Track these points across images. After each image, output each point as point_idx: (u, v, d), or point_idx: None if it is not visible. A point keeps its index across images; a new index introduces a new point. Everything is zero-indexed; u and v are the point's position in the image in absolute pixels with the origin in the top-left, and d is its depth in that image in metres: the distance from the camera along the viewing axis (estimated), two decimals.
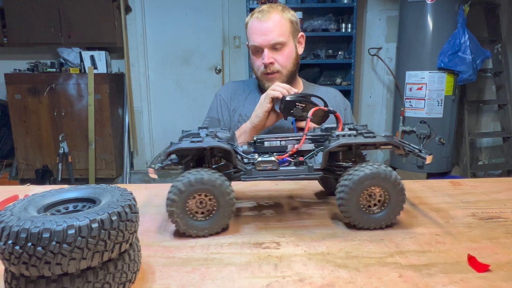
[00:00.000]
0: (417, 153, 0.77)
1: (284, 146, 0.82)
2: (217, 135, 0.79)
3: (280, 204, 0.92)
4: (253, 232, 0.75)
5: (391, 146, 0.78)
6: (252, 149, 0.83)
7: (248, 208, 0.90)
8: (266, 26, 1.28)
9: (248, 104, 1.42)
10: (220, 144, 0.73)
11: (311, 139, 0.83)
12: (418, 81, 3.26)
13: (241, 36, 4.10)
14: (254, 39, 1.30)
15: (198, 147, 0.72)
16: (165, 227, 0.78)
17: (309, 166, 0.77)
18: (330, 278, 0.58)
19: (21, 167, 3.91)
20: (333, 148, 0.75)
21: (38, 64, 3.88)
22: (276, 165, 0.76)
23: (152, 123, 4.36)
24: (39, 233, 0.44)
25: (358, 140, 0.76)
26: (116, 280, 0.52)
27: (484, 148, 4.26)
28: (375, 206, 0.75)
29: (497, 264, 0.61)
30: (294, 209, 0.89)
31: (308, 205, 0.91)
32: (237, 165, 0.76)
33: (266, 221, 0.81)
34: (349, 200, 0.72)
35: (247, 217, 0.84)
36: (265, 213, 0.86)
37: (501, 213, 0.84)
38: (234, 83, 1.55)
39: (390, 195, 0.73)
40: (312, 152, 0.81)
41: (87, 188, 0.59)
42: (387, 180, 0.72)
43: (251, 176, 0.77)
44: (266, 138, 0.83)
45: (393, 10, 3.95)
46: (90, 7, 3.77)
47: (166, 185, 1.12)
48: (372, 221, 0.74)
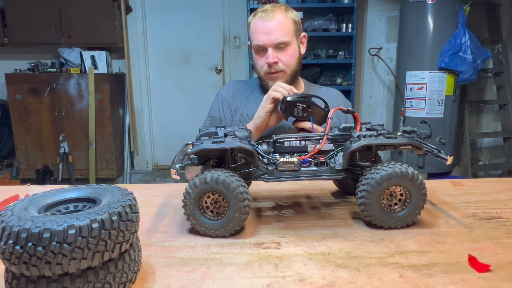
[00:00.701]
0: (436, 154, 0.77)
1: (304, 146, 0.82)
2: (236, 135, 0.78)
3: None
4: (253, 232, 0.75)
5: (410, 146, 0.78)
6: (271, 148, 0.83)
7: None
8: (271, 26, 1.28)
9: (250, 103, 1.43)
10: (243, 145, 0.72)
11: (331, 139, 0.83)
12: (418, 81, 3.26)
13: (241, 36, 4.10)
14: (258, 38, 1.30)
15: (220, 148, 0.72)
16: (165, 227, 0.78)
17: (330, 167, 0.77)
18: (331, 278, 0.58)
19: (21, 167, 3.91)
20: (355, 149, 0.74)
21: (38, 64, 3.88)
22: (298, 165, 0.76)
23: (153, 123, 4.36)
24: (40, 233, 0.44)
25: (381, 141, 0.76)
26: (116, 280, 0.52)
27: (484, 148, 4.25)
28: (396, 205, 0.75)
29: (498, 264, 0.61)
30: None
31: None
32: (259, 166, 0.75)
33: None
34: (371, 203, 0.72)
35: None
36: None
37: (501, 213, 0.83)
38: (236, 82, 1.55)
39: (410, 192, 0.73)
40: (332, 153, 0.80)
41: (87, 188, 0.59)
42: (405, 178, 0.72)
43: (273, 177, 0.76)
44: (285, 138, 0.82)
45: (393, 10, 3.95)
46: (90, 7, 3.78)
47: (167, 185, 1.12)
48: (397, 220, 0.74)
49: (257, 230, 0.77)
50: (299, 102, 1.04)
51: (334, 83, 3.83)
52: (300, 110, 1.04)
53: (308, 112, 1.05)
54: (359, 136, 0.76)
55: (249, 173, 0.80)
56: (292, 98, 1.04)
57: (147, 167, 4.40)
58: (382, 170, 0.72)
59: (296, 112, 1.05)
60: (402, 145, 0.77)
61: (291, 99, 1.04)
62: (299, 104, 1.04)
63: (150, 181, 4.31)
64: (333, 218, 0.83)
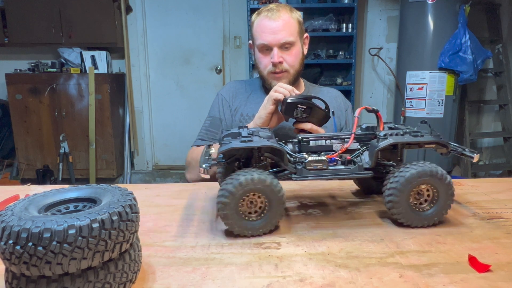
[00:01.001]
0: (461, 152, 0.77)
1: (329, 146, 0.82)
2: (260, 134, 0.79)
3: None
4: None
5: (435, 144, 0.78)
6: (296, 148, 0.83)
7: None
8: (276, 25, 1.28)
9: (250, 104, 1.42)
10: (272, 144, 0.73)
11: (355, 138, 0.83)
12: (418, 81, 3.26)
13: (241, 36, 4.10)
14: (263, 37, 1.29)
15: (250, 147, 0.72)
16: (165, 227, 0.78)
17: (359, 165, 0.77)
18: (331, 278, 0.58)
19: (22, 167, 3.91)
20: (384, 147, 0.75)
21: (39, 64, 3.88)
22: (326, 164, 0.76)
23: (153, 123, 4.36)
24: (40, 233, 0.44)
25: (408, 139, 0.76)
26: (116, 280, 0.52)
27: (485, 148, 4.25)
28: (425, 203, 0.75)
29: (498, 264, 0.61)
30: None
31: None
32: (287, 165, 0.75)
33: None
34: (399, 201, 0.72)
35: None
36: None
37: (502, 213, 0.83)
38: (236, 82, 1.54)
39: (438, 190, 0.73)
40: (358, 151, 0.81)
41: (87, 188, 0.59)
42: (434, 177, 0.72)
43: (301, 176, 0.76)
44: (311, 138, 0.83)
45: (393, 10, 3.95)
46: (90, 7, 3.78)
47: (167, 185, 1.12)
48: (424, 219, 0.74)
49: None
50: (299, 104, 1.03)
51: (334, 83, 3.83)
52: (301, 112, 1.04)
53: (308, 113, 1.05)
54: (386, 135, 0.76)
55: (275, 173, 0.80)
56: (292, 100, 1.04)
57: (147, 167, 4.40)
58: (412, 169, 0.72)
59: (296, 113, 1.05)
60: (428, 144, 0.77)
61: (292, 100, 1.04)
62: (299, 105, 1.04)
63: (150, 181, 4.31)
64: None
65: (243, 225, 0.71)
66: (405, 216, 0.73)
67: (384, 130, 0.81)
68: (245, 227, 0.71)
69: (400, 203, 0.72)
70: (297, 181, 0.77)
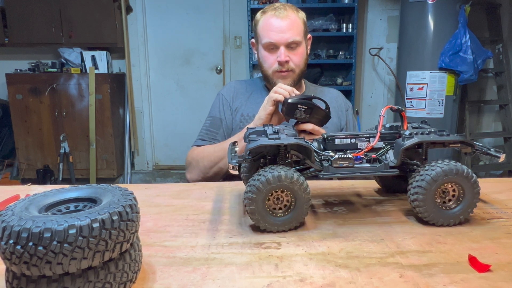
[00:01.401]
0: (486, 151, 0.78)
1: (354, 144, 0.83)
2: (285, 132, 0.80)
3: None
4: (254, 232, 0.75)
5: (460, 144, 0.78)
6: (321, 146, 0.84)
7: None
8: (284, 24, 1.28)
9: (250, 104, 1.42)
10: (300, 142, 0.74)
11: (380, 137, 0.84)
12: (419, 81, 3.26)
13: (242, 36, 4.10)
14: (270, 36, 1.29)
15: (278, 144, 0.74)
16: (166, 227, 0.78)
17: (384, 164, 0.78)
18: (331, 278, 0.58)
19: (22, 167, 3.91)
20: (409, 145, 0.75)
21: (39, 64, 3.88)
22: (352, 162, 0.77)
23: (153, 123, 4.36)
24: (40, 232, 0.44)
25: (433, 138, 0.76)
26: (117, 279, 0.52)
27: None
28: (450, 202, 0.75)
29: (498, 264, 0.61)
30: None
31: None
32: (314, 162, 0.76)
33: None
34: (425, 199, 0.73)
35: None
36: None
37: (502, 213, 0.83)
38: (237, 82, 1.54)
39: (464, 189, 0.74)
40: (383, 150, 0.81)
41: (88, 188, 0.59)
42: (460, 175, 0.72)
43: (328, 173, 0.77)
44: (336, 136, 0.83)
45: (394, 10, 3.95)
46: (91, 7, 3.78)
47: (167, 185, 1.13)
48: (450, 217, 0.74)
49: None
50: (300, 104, 1.03)
51: (335, 83, 3.83)
52: (302, 112, 1.04)
53: (309, 113, 1.05)
54: (411, 134, 0.77)
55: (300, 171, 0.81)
56: (293, 100, 1.04)
57: (147, 167, 4.40)
58: (437, 167, 0.72)
59: (297, 114, 1.05)
60: (453, 143, 0.78)
61: (292, 101, 1.04)
62: (300, 106, 1.03)
63: (151, 181, 4.31)
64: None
65: (269, 220, 0.72)
66: (430, 214, 0.74)
67: (408, 129, 0.81)
68: (271, 222, 0.73)
69: (426, 201, 0.73)
70: (324, 178, 0.78)
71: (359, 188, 1.03)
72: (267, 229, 0.73)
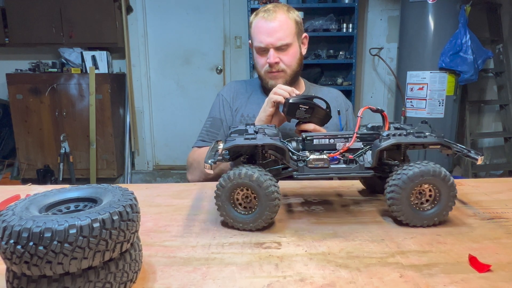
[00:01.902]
0: (466, 154, 0.77)
1: (332, 144, 0.83)
2: (266, 132, 0.80)
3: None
4: (254, 232, 0.75)
5: (440, 146, 0.78)
6: (300, 146, 0.84)
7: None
8: (272, 26, 1.27)
9: (251, 104, 1.42)
10: (274, 142, 0.74)
11: (359, 138, 0.84)
12: (419, 81, 3.26)
13: (242, 36, 4.10)
14: (260, 39, 1.29)
15: (253, 144, 0.74)
16: (166, 227, 0.78)
17: (360, 165, 0.78)
18: (331, 278, 0.58)
19: (22, 167, 3.91)
20: (385, 147, 0.75)
21: (39, 64, 3.88)
22: (328, 162, 0.77)
23: (153, 123, 4.36)
24: (41, 232, 0.44)
25: (410, 140, 0.76)
26: (117, 279, 0.52)
27: (485, 148, 4.25)
28: (426, 203, 0.75)
29: (498, 264, 0.61)
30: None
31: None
32: (289, 162, 0.77)
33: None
34: (400, 199, 0.73)
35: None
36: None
37: (502, 213, 0.83)
38: (236, 82, 1.54)
39: (440, 191, 0.73)
40: (361, 151, 0.81)
41: (88, 187, 0.59)
42: (437, 177, 0.72)
43: (303, 174, 0.78)
44: (315, 136, 0.84)
45: (394, 10, 3.94)
46: (91, 7, 3.78)
47: (167, 185, 1.13)
48: (424, 218, 0.74)
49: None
50: (301, 104, 1.03)
51: (335, 83, 3.83)
52: (303, 112, 1.04)
53: (310, 113, 1.05)
54: (389, 135, 0.77)
55: (278, 170, 0.81)
56: (294, 100, 1.04)
57: (147, 167, 4.40)
58: (415, 167, 0.72)
59: (298, 113, 1.05)
60: (432, 144, 0.78)
61: (294, 101, 1.04)
62: (301, 105, 1.04)
63: (151, 181, 4.31)
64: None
65: (234, 217, 0.74)
66: (404, 214, 0.74)
67: (389, 130, 0.81)
68: (236, 219, 0.74)
69: (401, 201, 0.73)
70: (298, 178, 0.78)
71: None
72: (230, 224, 0.75)
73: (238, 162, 0.82)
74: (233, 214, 0.74)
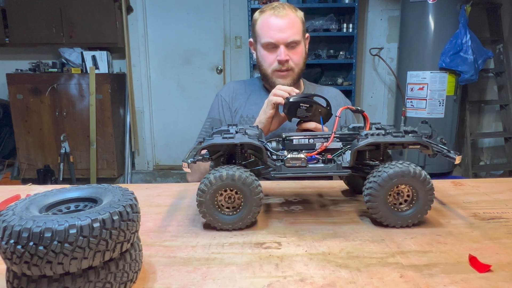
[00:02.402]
0: (445, 154, 0.77)
1: (312, 144, 0.83)
2: (247, 132, 0.81)
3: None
4: (255, 232, 0.75)
5: (419, 145, 0.78)
6: (280, 146, 0.85)
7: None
8: (284, 23, 1.27)
9: (250, 105, 1.42)
10: (251, 141, 0.75)
11: (339, 138, 0.84)
12: (419, 81, 3.25)
13: (242, 36, 4.10)
14: (270, 35, 1.28)
15: (230, 143, 0.74)
16: (166, 227, 0.79)
17: (337, 164, 0.78)
18: (331, 278, 0.58)
19: (22, 167, 3.92)
20: (362, 146, 0.76)
21: (40, 64, 3.88)
22: (305, 162, 0.78)
23: (154, 123, 4.36)
24: (41, 232, 0.44)
25: (387, 139, 0.76)
26: (117, 279, 0.52)
27: (485, 149, 4.25)
28: (403, 204, 0.75)
29: (499, 264, 0.61)
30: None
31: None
32: (267, 162, 0.77)
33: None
34: (377, 197, 0.73)
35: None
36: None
37: (502, 213, 0.83)
38: (235, 83, 1.54)
39: (418, 193, 0.73)
40: (340, 151, 0.82)
41: (88, 187, 0.59)
42: (416, 179, 0.72)
43: (280, 173, 0.78)
44: (295, 136, 0.84)
45: (394, 10, 3.94)
46: (91, 7, 3.78)
47: (167, 185, 1.13)
48: (399, 219, 0.74)
49: (269, 223, 0.78)
50: (302, 102, 1.03)
51: (335, 83, 3.83)
52: (304, 110, 1.04)
53: (311, 111, 1.05)
54: (367, 135, 0.77)
55: (259, 171, 0.82)
56: (295, 99, 1.04)
57: (147, 167, 4.40)
58: (396, 167, 0.72)
59: (299, 112, 1.05)
60: (411, 144, 0.78)
61: (294, 99, 1.04)
62: (302, 104, 1.03)
63: (151, 181, 4.31)
64: (340, 215, 0.83)
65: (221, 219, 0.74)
66: (380, 212, 0.74)
67: (371, 130, 0.81)
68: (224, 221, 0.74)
69: (378, 199, 0.73)
70: (275, 178, 0.79)
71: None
72: (218, 227, 0.74)
73: (218, 163, 0.83)
74: (220, 217, 0.74)
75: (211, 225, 0.74)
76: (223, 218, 0.74)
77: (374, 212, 0.74)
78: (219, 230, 0.75)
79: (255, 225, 0.77)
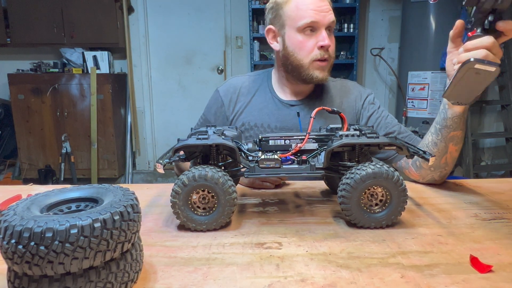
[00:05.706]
0: (421, 155, 0.77)
1: (288, 145, 0.84)
2: (224, 133, 0.81)
3: (285, 202, 0.93)
4: (255, 232, 0.75)
5: (395, 147, 0.78)
6: (257, 147, 0.85)
7: (253, 205, 0.91)
8: (324, 3, 1.11)
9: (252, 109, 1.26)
10: (224, 142, 0.75)
11: (315, 139, 0.84)
12: (420, 81, 3.25)
13: (243, 36, 4.10)
14: (312, 14, 1.08)
15: (204, 144, 0.74)
16: (167, 227, 0.79)
17: (311, 165, 0.79)
18: (332, 278, 0.58)
19: (24, 167, 3.92)
20: (336, 147, 0.76)
21: (41, 64, 3.89)
22: (279, 163, 0.78)
23: (154, 123, 4.37)
24: (42, 232, 0.44)
25: (361, 140, 0.77)
26: (118, 279, 0.52)
27: (487, 149, 4.24)
28: (376, 206, 0.75)
29: (500, 265, 0.61)
30: (297, 206, 0.89)
31: (311, 203, 0.91)
32: (240, 162, 0.77)
33: (268, 217, 0.82)
34: (350, 198, 0.73)
35: (251, 213, 0.85)
36: (268, 210, 0.87)
37: (503, 213, 0.83)
38: (238, 79, 1.33)
39: (391, 195, 0.74)
40: (315, 152, 0.82)
41: (89, 187, 0.59)
42: (389, 180, 0.72)
43: (254, 173, 0.78)
44: (271, 137, 0.84)
45: (395, 10, 3.94)
46: (93, 8, 3.79)
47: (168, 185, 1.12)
48: (372, 220, 0.74)
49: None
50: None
51: None
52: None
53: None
54: (341, 136, 0.77)
55: (235, 172, 0.82)
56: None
57: (148, 167, 4.40)
58: (369, 168, 0.72)
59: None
60: (386, 145, 0.78)
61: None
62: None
63: (152, 181, 4.31)
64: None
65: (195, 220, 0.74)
66: (353, 214, 0.74)
67: (348, 131, 0.81)
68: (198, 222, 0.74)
69: (351, 200, 0.73)
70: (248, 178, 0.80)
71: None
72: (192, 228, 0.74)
73: (195, 162, 0.83)
74: (194, 217, 0.74)
75: (185, 226, 0.74)
76: (197, 219, 0.74)
77: (348, 214, 0.75)
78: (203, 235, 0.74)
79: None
